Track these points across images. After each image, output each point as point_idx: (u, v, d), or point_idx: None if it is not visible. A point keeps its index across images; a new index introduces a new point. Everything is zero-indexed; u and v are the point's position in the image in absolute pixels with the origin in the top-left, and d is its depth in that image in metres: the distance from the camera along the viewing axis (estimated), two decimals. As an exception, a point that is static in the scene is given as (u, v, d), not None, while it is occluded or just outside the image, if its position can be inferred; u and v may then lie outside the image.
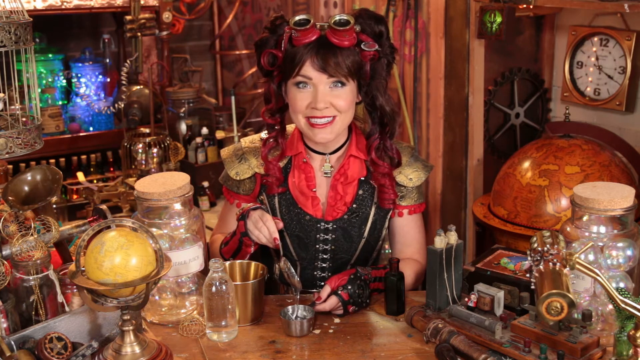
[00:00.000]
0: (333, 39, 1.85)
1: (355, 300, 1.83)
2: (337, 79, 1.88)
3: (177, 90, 3.76)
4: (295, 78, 1.89)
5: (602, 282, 1.48)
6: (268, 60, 1.93)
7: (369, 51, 1.88)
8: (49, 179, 1.70)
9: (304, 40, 1.86)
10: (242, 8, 4.31)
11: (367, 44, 1.88)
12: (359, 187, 2.01)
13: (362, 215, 2.01)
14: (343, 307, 1.83)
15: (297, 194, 2.00)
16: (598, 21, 2.88)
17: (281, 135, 2.02)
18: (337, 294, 1.82)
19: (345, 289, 1.83)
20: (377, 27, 1.91)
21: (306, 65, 1.87)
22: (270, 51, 1.92)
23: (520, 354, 1.58)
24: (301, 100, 1.90)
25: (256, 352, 1.70)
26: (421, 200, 2.10)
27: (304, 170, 2.01)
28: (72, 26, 3.95)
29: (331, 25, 1.84)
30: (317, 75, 1.87)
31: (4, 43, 1.58)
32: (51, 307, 1.67)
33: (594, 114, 2.97)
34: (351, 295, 1.83)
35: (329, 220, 2.00)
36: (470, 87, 2.91)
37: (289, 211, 2.00)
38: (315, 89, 1.88)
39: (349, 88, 1.91)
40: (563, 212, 2.52)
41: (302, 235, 2.01)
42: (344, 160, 2.00)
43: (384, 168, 1.99)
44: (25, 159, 3.32)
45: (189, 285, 1.91)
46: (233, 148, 2.11)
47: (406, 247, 2.10)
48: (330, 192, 2.00)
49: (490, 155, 3.11)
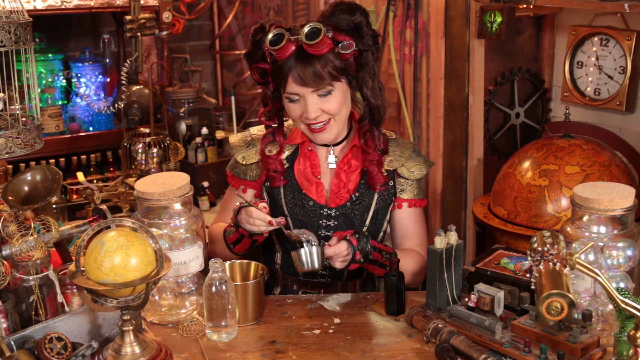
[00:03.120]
0: (309, 50, 1.86)
1: (363, 247, 1.85)
2: (322, 89, 1.90)
3: (177, 90, 3.76)
4: (285, 93, 1.94)
5: (602, 282, 1.48)
6: (258, 74, 1.98)
7: (347, 53, 1.89)
8: (48, 179, 1.70)
9: (282, 56, 1.88)
10: (242, 8, 4.31)
11: (344, 45, 1.88)
12: (362, 176, 2.05)
13: (364, 204, 2.04)
14: (352, 252, 1.84)
15: (302, 180, 2.04)
16: (598, 21, 2.88)
17: (278, 132, 2.06)
18: (346, 239, 1.85)
19: (353, 236, 1.86)
20: (352, 19, 1.91)
21: (289, 82, 1.90)
22: (258, 66, 1.96)
23: (521, 354, 1.58)
24: (294, 111, 1.95)
25: (256, 352, 1.70)
26: (421, 196, 2.12)
27: (309, 157, 2.06)
28: (72, 26, 3.95)
29: (302, 40, 1.84)
30: (301, 90, 1.90)
31: (4, 43, 1.58)
32: (51, 307, 1.67)
33: (594, 114, 2.97)
34: (359, 241, 1.85)
35: (332, 207, 2.03)
36: (470, 87, 2.91)
37: (293, 196, 2.04)
38: (305, 101, 1.91)
39: (338, 91, 1.93)
40: (563, 212, 2.52)
41: (305, 220, 2.03)
42: (347, 150, 2.05)
43: (372, 155, 2.03)
44: (25, 159, 3.32)
45: (189, 285, 1.90)
46: (242, 135, 2.15)
47: (406, 240, 2.12)
48: (334, 179, 2.04)
49: (490, 155, 3.11)
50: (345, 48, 1.88)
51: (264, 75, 1.97)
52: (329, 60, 1.87)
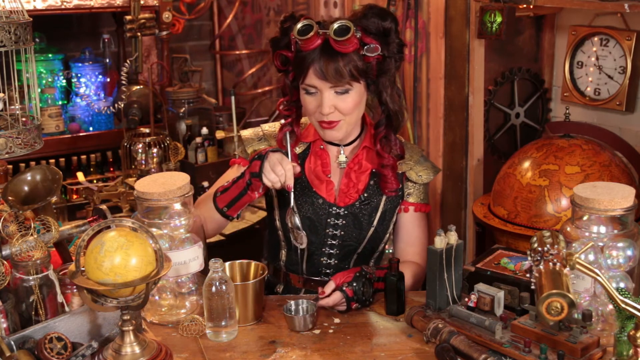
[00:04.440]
0: (335, 46, 1.86)
1: (359, 297, 1.85)
2: (340, 87, 1.90)
3: (177, 90, 3.76)
4: (303, 84, 1.93)
5: (602, 282, 1.48)
6: (280, 61, 1.97)
7: (371, 56, 1.89)
8: (48, 179, 1.70)
9: (308, 47, 1.88)
10: (242, 8, 4.31)
11: (370, 48, 1.88)
12: (371, 177, 2.06)
13: (372, 204, 2.05)
14: (346, 303, 1.84)
15: (312, 178, 2.04)
16: (598, 21, 2.88)
17: (296, 123, 2.06)
18: (341, 289, 1.84)
19: (350, 285, 1.84)
20: (382, 24, 1.91)
21: (310, 74, 1.90)
22: (281, 53, 1.95)
23: (520, 354, 1.58)
24: (310, 103, 1.95)
25: (256, 352, 1.70)
26: (427, 201, 2.14)
27: (320, 156, 2.06)
28: (72, 26, 3.95)
29: (330, 35, 1.85)
30: (320, 84, 1.90)
31: (4, 43, 1.58)
32: (51, 307, 1.67)
33: (594, 114, 2.97)
34: (355, 293, 1.84)
35: (341, 206, 2.03)
36: (470, 87, 2.91)
37: (303, 193, 2.03)
38: (321, 95, 1.91)
39: (355, 91, 1.93)
40: (563, 212, 2.52)
41: (313, 218, 2.03)
42: (358, 150, 2.06)
43: (388, 160, 2.03)
44: (25, 159, 3.32)
45: (189, 285, 1.90)
46: (253, 130, 2.15)
47: (409, 247, 2.12)
48: (344, 179, 2.04)
49: (490, 155, 3.11)
50: (370, 51, 1.88)
51: (285, 63, 1.97)
52: (352, 59, 1.87)
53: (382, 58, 1.92)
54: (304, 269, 2.08)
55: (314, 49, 1.88)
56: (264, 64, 4.24)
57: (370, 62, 1.90)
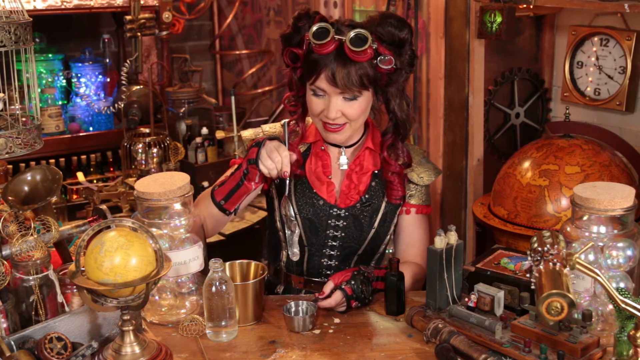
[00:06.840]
0: (349, 54, 1.85)
1: (359, 295, 1.85)
2: (349, 93, 1.89)
3: (177, 90, 3.76)
4: (312, 85, 1.92)
5: (602, 282, 1.48)
6: (290, 57, 1.96)
7: (384, 68, 1.88)
8: (48, 179, 1.70)
9: (322, 51, 1.87)
10: (242, 8, 4.31)
11: (384, 60, 1.88)
12: (372, 179, 2.05)
13: (373, 206, 2.04)
14: (346, 301, 1.84)
15: (313, 179, 2.04)
16: (598, 21, 2.88)
17: (301, 120, 2.06)
18: (340, 288, 1.84)
19: (348, 284, 1.85)
20: (398, 34, 1.89)
21: (321, 77, 1.88)
22: (292, 50, 1.94)
23: (521, 354, 1.58)
24: (316, 105, 1.94)
25: (256, 352, 1.70)
26: (428, 203, 2.14)
27: (322, 157, 2.05)
28: (72, 26, 3.95)
29: (347, 43, 1.83)
30: (330, 89, 1.89)
31: (4, 43, 1.58)
32: (51, 307, 1.67)
33: (594, 114, 2.97)
34: (354, 291, 1.84)
35: (342, 207, 2.03)
36: (470, 87, 2.91)
37: (303, 194, 2.03)
38: (329, 99, 1.90)
39: (363, 98, 1.92)
40: (563, 212, 2.52)
41: (314, 219, 2.03)
42: (360, 152, 2.05)
43: (394, 167, 2.03)
44: (25, 159, 3.32)
45: (189, 285, 1.90)
46: (254, 130, 2.14)
47: (410, 248, 2.11)
48: (345, 180, 2.04)
49: (490, 155, 3.11)
50: (384, 62, 1.88)
51: (295, 60, 1.95)
52: (364, 68, 1.86)
53: (393, 69, 1.91)
54: (305, 270, 2.08)
55: (328, 54, 1.87)
56: (264, 64, 4.24)
57: (381, 71, 1.90)
